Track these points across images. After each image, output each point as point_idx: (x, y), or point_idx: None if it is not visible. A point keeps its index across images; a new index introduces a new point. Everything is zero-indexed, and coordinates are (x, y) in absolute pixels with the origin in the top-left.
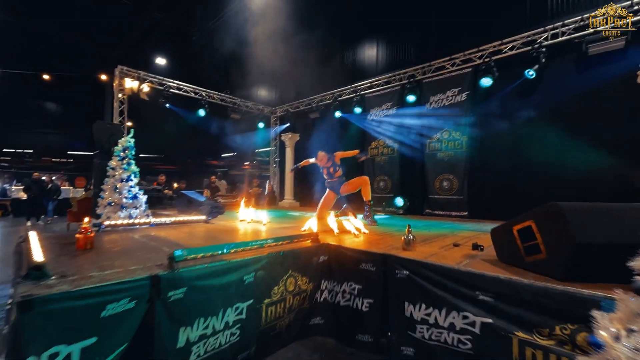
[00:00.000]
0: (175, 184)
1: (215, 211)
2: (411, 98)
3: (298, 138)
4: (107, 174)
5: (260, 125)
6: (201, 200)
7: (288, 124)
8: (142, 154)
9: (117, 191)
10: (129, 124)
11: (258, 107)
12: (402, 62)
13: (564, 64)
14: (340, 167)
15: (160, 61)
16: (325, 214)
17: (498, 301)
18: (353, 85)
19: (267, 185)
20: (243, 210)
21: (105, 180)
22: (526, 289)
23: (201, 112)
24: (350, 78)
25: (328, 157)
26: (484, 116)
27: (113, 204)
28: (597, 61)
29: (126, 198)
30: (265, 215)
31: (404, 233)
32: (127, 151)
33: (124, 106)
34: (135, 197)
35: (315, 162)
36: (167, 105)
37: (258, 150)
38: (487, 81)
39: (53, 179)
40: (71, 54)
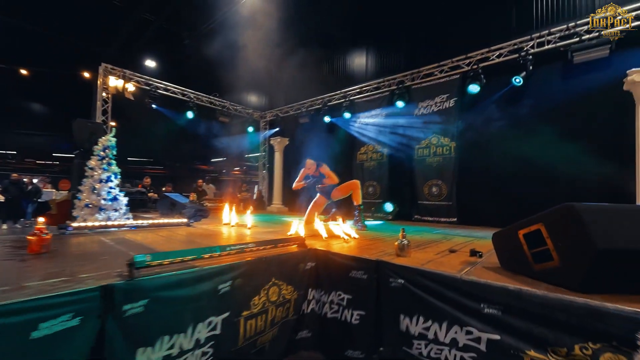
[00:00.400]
0: (163, 188)
1: (199, 214)
2: (400, 104)
3: (287, 142)
4: (86, 174)
5: (249, 129)
6: (184, 202)
7: (277, 129)
8: (131, 157)
9: (96, 192)
10: (113, 124)
11: (247, 111)
12: (392, 68)
13: (551, 72)
14: (325, 178)
15: (149, 63)
16: (313, 219)
17: (506, 315)
18: (343, 90)
19: (256, 189)
20: (227, 213)
21: (83, 180)
22: (539, 302)
23: (189, 114)
24: (340, 83)
25: (317, 165)
26: (472, 122)
27: (91, 206)
28: (583, 69)
29: (105, 200)
30: (250, 218)
31: (397, 238)
32: (108, 151)
33: (108, 105)
34: (115, 199)
35: (303, 170)
36: (154, 106)
37: (248, 155)
38: (475, 88)
39: (34, 181)
40: (58, 53)
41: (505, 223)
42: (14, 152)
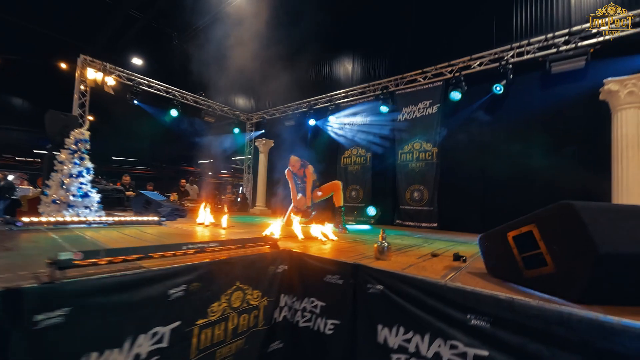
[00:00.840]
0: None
1: (176, 214)
2: (384, 109)
3: (272, 144)
4: (55, 169)
5: (235, 130)
6: (161, 201)
7: (263, 131)
8: (116, 157)
9: (64, 187)
10: (90, 118)
11: (234, 112)
12: (377, 74)
13: (530, 81)
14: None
15: (136, 61)
16: (292, 220)
17: (496, 327)
18: (329, 94)
19: (240, 191)
20: (203, 213)
21: (51, 175)
22: (534, 313)
23: (173, 112)
24: (326, 87)
25: (301, 164)
26: (454, 129)
27: (58, 202)
28: (561, 78)
29: (74, 196)
30: (226, 218)
31: (377, 240)
32: (81, 145)
33: (86, 99)
34: (86, 196)
35: (290, 172)
36: (135, 101)
37: (235, 158)
38: (457, 95)
39: (9, 178)
40: (38, 44)
41: (485, 229)
42: None
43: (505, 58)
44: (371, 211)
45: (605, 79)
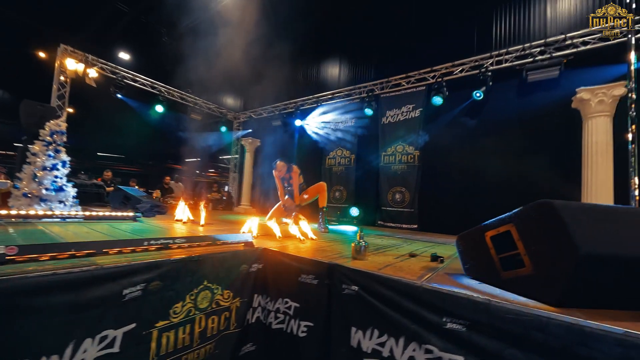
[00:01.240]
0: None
1: (155, 210)
2: (369, 111)
3: (259, 143)
4: (27, 161)
5: (222, 129)
6: (139, 197)
7: (250, 130)
8: (102, 153)
9: (37, 181)
10: (70, 110)
11: (221, 111)
12: (363, 77)
13: (508, 88)
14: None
15: (124, 55)
16: (276, 219)
17: (471, 332)
18: (315, 95)
19: (226, 189)
20: (180, 210)
21: (23, 167)
22: (512, 317)
23: (158, 108)
24: (313, 89)
25: (287, 167)
26: (436, 133)
27: (30, 196)
28: (536, 87)
29: (48, 189)
30: (204, 215)
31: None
32: (57, 137)
33: (65, 90)
34: (61, 190)
35: (276, 175)
36: (119, 95)
37: (222, 157)
38: (438, 100)
39: None
40: (18, 33)
41: (462, 231)
42: None
43: (485, 65)
44: (354, 212)
45: (577, 88)
